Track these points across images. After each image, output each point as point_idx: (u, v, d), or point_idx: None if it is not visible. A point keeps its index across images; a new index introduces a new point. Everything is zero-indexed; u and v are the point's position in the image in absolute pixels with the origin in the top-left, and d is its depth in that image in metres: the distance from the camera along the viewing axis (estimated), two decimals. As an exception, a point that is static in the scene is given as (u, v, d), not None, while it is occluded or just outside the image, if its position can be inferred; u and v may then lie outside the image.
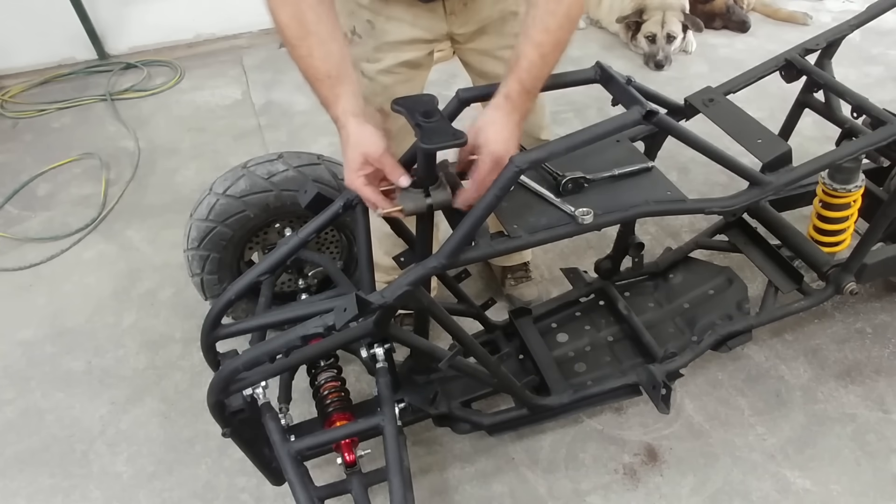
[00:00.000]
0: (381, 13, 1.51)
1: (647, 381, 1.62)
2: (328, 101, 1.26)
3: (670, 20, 3.48)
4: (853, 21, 1.73)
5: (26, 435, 1.89)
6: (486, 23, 1.58)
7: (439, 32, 1.57)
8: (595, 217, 1.30)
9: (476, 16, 1.56)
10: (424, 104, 1.21)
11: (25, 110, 3.27)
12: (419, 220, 1.39)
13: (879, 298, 2.13)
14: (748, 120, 1.52)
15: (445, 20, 1.55)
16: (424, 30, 1.54)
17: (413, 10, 1.50)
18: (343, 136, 1.25)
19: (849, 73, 3.24)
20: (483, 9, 1.56)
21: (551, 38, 1.20)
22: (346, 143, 1.24)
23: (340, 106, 1.25)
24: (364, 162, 1.23)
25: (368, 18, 1.52)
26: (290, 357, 1.34)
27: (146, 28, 3.63)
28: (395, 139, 1.65)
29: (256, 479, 1.66)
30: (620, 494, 1.68)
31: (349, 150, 1.24)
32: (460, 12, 1.54)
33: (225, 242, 1.76)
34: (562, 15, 1.19)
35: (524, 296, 2.12)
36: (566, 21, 1.20)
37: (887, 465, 1.72)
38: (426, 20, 1.53)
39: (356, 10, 1.53)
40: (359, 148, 1.23)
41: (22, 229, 2.59)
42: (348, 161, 1.25)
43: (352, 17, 1.54)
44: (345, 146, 1.25)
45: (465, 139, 1.17)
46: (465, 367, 1.49)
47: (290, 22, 1.22)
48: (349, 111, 1.24)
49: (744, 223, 1.87)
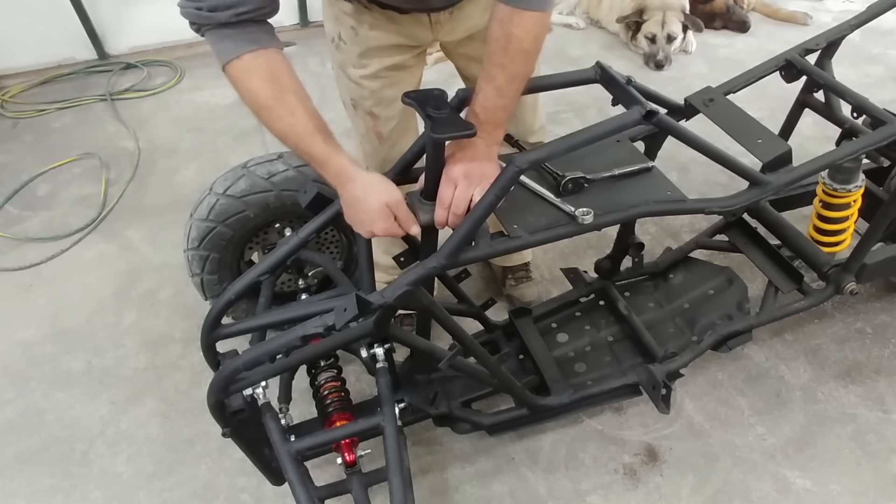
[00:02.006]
0: (363, 22, 1.48)
1: (647, 381, 1.62)
2: (325, 155, 1.24)
3: (670, 20, 3.48)
4: (853, 21, 1.73)
5: (26, 435, 1.89)
6: (474, 30, 1.57)
7: (424, 40, 1.56)
8: (595, 217, 1.30)
9: (462, 24, 1.55)
10: (434, 97, 1.23)
11: (25, 110, 3.27)
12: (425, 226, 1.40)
13: (879, 298, 2.13)
14: (748, 120, 1.52)
15: (431, 29, 1.53)
16: (409, 38, 1.53)
17: (396, 19, 1.48)
18: (354, 189, 1.26)
19: (849, 73, 3.24)
20: (470, 17, 1.54)
21: (505, 73, 1.22)
22: (366, 195, 1.25)
23: (343, 158, 1.25)
24: (389, 212, 1.26)
25: (352, 25, 1.50)
26: (290, 357, 1.34)
27: (146, 28, 3.63)
28: (387, 142, 1.66)
29: (256, 479, 1.66)
30: (620, 494, 1.68)
31: (371, 199, 1.25)
32: (446, 21, 1.52)
33: (225, 242, 1.76)
34: (513, 50, 1.20)
35: (524, 296, 2.12)
36: (519, 55, 1.21)
37: (887, 465, 1.72)
38: (410, 29, 1.51)
39: (340, 16, 1.51)
40: (382, 198, 1.25)
41: (22, 229, 2.59)
42: (374, 212, 1.25)
43: (337, 23, 1.53)
44: (361, 199, 1.26)
45: (474, 130, 1.19)
46: (465, 367, 1.49)
47: (264, 85, 1.19)
48: (352, 162, 1.26)
49: (744, 223, 1.87)
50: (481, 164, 1.26)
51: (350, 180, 1.26)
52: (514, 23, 1.19)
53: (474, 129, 1.19)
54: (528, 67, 1.25)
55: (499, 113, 1.26)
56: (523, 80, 1.26)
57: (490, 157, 1.28)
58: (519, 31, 1.19)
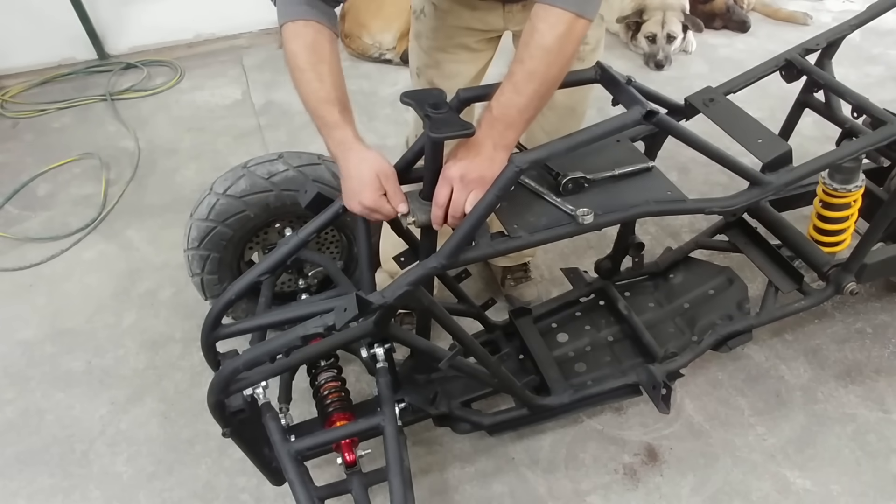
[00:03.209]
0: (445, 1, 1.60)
1: (648, 381, 1.62)
2: (335, 124, 1.28)
3: (670, 20, 3.48)
4: (853, 21, 1.73)
5: (26, 435, 1.89)
6: None
7: (496, 26, 1.64)
8: (595, 217, 1.29)
9: None
10: (433, 97, 1.23)
11: (25, 110, 3.27)
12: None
13: (879, 298, 2.13)
14: (748, 120, 1.52)
15: (503, 18, 1.62)
16: (482, 22, 1.63)
17: (473, 5, 1.59)
18: (351, 158, 1.27)
19: (849, 73, 3.24)
20: None
21: (524, 69, 1.21)
22: (360, 164, 1.26)
23: (350, 130, 1.29)
24: (380, 183, 1.27)
25: (434, 2, 1.62)
26: (290, 357, 1.34)
27: (146, 28, 3.63)
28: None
29: (256, 479, 1.66)
30: (620, 494, 1.68)
31: (364, 170, 1.26)
32: (518, 12, 1.61)
33: (225, 242, 1.76)
34: (534, 45, 1.20)
35: (524, 296, 2.12)
36: (538, 51, 1.20)
37: (887, 465, 1.72)
38: (485, 15, 1.61)
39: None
40: (374, 168, 1.26)
41: (22, 229, 2.59)
42: (365, 180, 1.26)
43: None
44: (356, 167, 1.27)
45: (472, 130, 1.18)
46: (465, 367, 1.49)
47: (304, 50, 1.28)
48: (358, 137, 1.29)
49: (744, 223, 1.87)
50: (481, 166, 1.23)
51: (350, 149, 1.28)
52: (539, 17, 1.19)
53: (473, 129, 1.18)
54: (548, 68, 1.21)
55: (512, 111, 1.23)
56: (542, 82, 1.22)
57: (493, 160, 1.24)
58: (543, 25, 1.19)
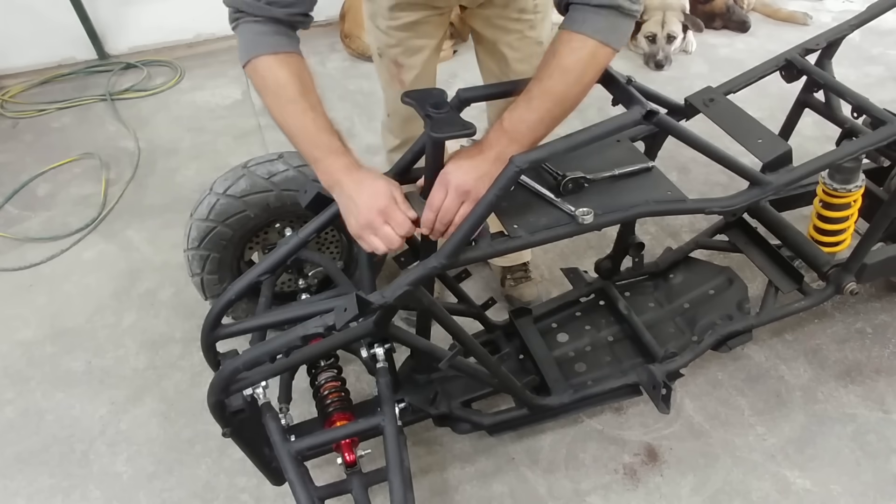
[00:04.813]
0: None
1: (648, 381, 1.62)
2: (335, 151, 1.26)
3: (670, 20, 3.48)
4: (853, 21, 1.73)
5: (26, 435, 1.89)
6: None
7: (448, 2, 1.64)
8: (595, 217, 1.29)
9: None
10: (434, 97, 1.23)
11: (25, 110, 3.27)
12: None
13: (879, 298, 2.13)
14: (748, 120, 1.52)
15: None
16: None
17: None
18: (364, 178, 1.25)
19: (849, 73, 3.24)
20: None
21: (540, 86, 1.21)
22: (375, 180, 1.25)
23: (351, 157, 1.28)
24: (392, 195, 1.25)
25: None
26: (290, 357, 1.34)
27: (146, 28, 3.63)
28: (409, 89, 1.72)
29: (256, 479, 1.66)
30: (620, 494, 1.68)
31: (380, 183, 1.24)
32: None
33: (225, 242, 1.76)
34: (553, 65, 1.20)
35: (524, 296, 2.12)
36: (556, 70, 1.20)
37: (887, 465, 1.72)
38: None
39: None
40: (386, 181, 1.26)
41: (22, 229, 2.59)
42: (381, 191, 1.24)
43: None
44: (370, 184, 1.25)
45: (474, 130, 1.18)
46: (465, 367, 1.49)
47: (292, 79, 1.25)
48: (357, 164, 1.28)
49: (744, 223, 1.87)
50: (479, 178, 1.22)
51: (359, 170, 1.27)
52: (562, 41, 1.20)
53: (473, 129, 1.18)
54: (565, 88, 1.21)
55: (522, 127, 1.22)
56: (557, 102, 1.21)
57: (489, 174, 1.22)
58: (564, 48, 1.19)
